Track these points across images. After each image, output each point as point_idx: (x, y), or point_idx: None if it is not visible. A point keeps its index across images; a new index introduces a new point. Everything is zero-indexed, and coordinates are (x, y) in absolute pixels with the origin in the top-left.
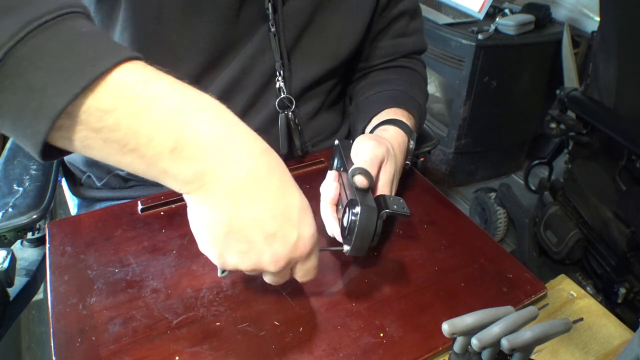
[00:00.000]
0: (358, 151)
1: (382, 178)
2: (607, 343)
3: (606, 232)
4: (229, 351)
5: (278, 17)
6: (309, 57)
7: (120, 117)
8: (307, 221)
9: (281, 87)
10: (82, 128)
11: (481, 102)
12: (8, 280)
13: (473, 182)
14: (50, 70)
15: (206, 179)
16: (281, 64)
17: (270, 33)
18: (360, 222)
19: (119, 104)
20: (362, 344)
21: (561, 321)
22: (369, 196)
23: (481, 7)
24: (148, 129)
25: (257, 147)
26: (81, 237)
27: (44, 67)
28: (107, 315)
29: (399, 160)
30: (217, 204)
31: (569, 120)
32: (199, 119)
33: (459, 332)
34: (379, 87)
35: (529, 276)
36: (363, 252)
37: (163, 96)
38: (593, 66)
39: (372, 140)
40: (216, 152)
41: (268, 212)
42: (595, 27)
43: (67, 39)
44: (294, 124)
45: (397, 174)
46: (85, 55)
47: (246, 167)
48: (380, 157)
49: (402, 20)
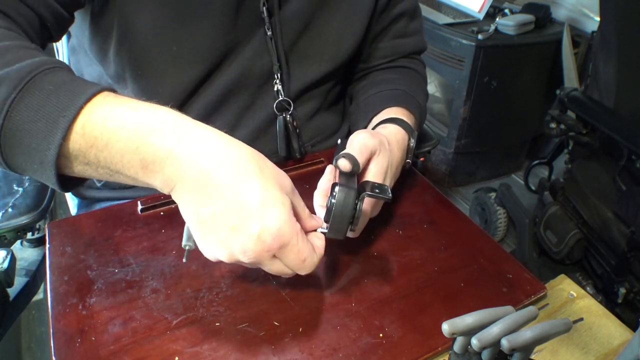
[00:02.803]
0: (351, 142)
1: (373, 169)
2: (607, 343)
3: (606, 232)
4: (228, 351)
5: (275, 21)
6: (307, 59)
7: (96, 153)
8: (272, 214)
9: (279, 89)
10: (76, 164)
11: (481, 102)
12: (8, 280)
13: (473, 182)
14: (36, 132)
15: (172, 184)
16: (279, 67)
17: (267, 37)
18: (337, 202)
19: (91, 142)
20: (361, 344)
21: (561, 321)
22: (353, 179)
23: (481, 7)
24: (118, 157)
25: (208, 148)
26: (81, 237)
27: (31, 131)
28: (107, 316)
29: (396, 156)
30: (186, 202)
31: (569, 120)
32: (152, 140)
33: (459, 332)
34: (380, 87)
35: (529, 276)
36: (341, 234)
37: (122, 127)
38: (593, 66)
39: (365, 133)
40: (171, 163)
41: (225, 207)
42: (595, 27)
43: (37, 103)
44: (292, 127)
45: (392, 170)
46: (54, 112)
47: (198, 169)
48: (370, 147)
49: (401, 21)
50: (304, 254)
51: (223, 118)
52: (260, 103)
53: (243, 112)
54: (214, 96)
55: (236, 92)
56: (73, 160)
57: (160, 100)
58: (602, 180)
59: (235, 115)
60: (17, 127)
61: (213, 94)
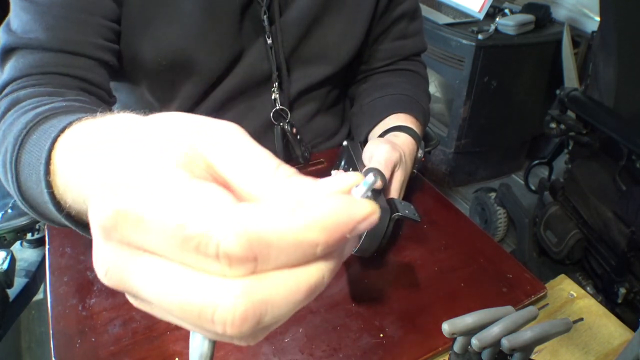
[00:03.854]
0: (373, 154)
1: (394, 183)
2: (607, 343)
3: (606, 232)
4: (228, 351)
5: (276, 28)
6: (308, 63)
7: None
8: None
9: (276, 98)
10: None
11: (481, 102)
12: (7, 281)
13: (473, 182)
14: (32, 179)
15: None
16: (277, 75)
17: (266, 45)
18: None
19: (64, 180)
20: (362, 344)
21: (561, 321)
22: (382, 198)
23: (481, 7)
24: (71, 202)
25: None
26: (81, 238)
27: (30, 173)
28: (107, 317)
29: (409, 167)
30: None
31: (569, 120)
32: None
33: (459, 332)
34: (384, 91)
35: (529, 276)
36: (369, 253)
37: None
38: (593, 66)
39: (388, 145)
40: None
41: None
42: (595, 27)
43: (29, 151)
44: (291, 135)
45: (406, 181)
46: (36, 157)
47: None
48: (394, 162)
49: (402, 22)
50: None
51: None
52: (258, 108)
53: (241, 118)
54: (214, 103)
55: (235, 99)
56: (66, 196)
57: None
58: (602, 180)
59: (233, 121)
60: (24, 182)
61: (213, 101)
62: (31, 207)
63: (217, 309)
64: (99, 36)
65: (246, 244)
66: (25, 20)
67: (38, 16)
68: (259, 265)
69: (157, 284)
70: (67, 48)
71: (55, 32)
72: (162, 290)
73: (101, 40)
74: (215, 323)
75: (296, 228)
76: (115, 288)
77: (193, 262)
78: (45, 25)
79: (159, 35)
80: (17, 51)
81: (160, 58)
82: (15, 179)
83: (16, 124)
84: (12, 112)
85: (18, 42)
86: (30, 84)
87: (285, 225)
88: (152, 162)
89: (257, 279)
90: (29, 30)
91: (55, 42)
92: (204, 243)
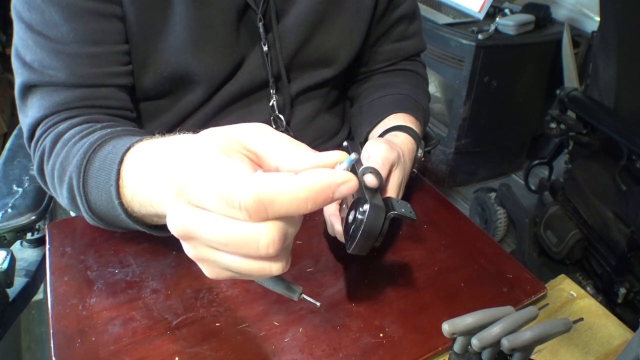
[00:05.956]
0: (370, 153)
1: (391, 182)
2: (607, 343)
3: (606, 232)
4: (228, 352)
5: (273, 35)
6: (307, 67)
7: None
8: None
9: (273, 105)
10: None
11: (481, 102)
12: (7, 281)
13: (473, 182)
14: (102, 198)
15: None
16: (274, 82)
17: (263, 52)
18: (367, 220)
19: (132, 190)
20: (361, 344)
21: (561, 321)
22: (378, 196)
23: (481, 7)
24: (138, 207)
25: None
26: (81, 238)
27: (100, 194)
28: (107, 316)
29: (408, 167)
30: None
31: (569, 120)
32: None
33: (459, 332)
34: (384, 91)
35: (529, 276)
36: (365, 251)
37: (126, 185)
38: (593, 66)
39: (385, 144)
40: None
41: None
42: (595, 27)
43: (95, 176)
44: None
45: (405, 181)
46: (104, 180)
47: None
48: (391, 161)
49: (401, 24)
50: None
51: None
52: (257, 114)
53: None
54: (213, 109)
55: (234, 105)
56: (134, 207)
57: (165, 118)
58: (602, 180)
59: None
60: (94, 202)
61: (212, 107)
62: (100, 218)
63: (260, 239)
64: (113, 64)
65: (257, 200)
66: (41, 56)
67: (54, 54)
68: (270, 215)
69: (212, 227)
70: (87, 82)
71: (73, 70)
72: (216, 232)
73: (116, 67)
74: (260, 248)
75: (292, 190)
76: (181, 237)
77: (229, 213)
78: (62, 63)
79: (157, 49)
80: (39, 88)
81: (161, 70)
82: (84, 200)
83: (72, 154)
84: (61, 145)
85: (39, 79)
86: (63, 119)
87: (284, 189)
88: (201, 150)
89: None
90: (48, 67)
91: (75, 79)
92: (231, 200)
